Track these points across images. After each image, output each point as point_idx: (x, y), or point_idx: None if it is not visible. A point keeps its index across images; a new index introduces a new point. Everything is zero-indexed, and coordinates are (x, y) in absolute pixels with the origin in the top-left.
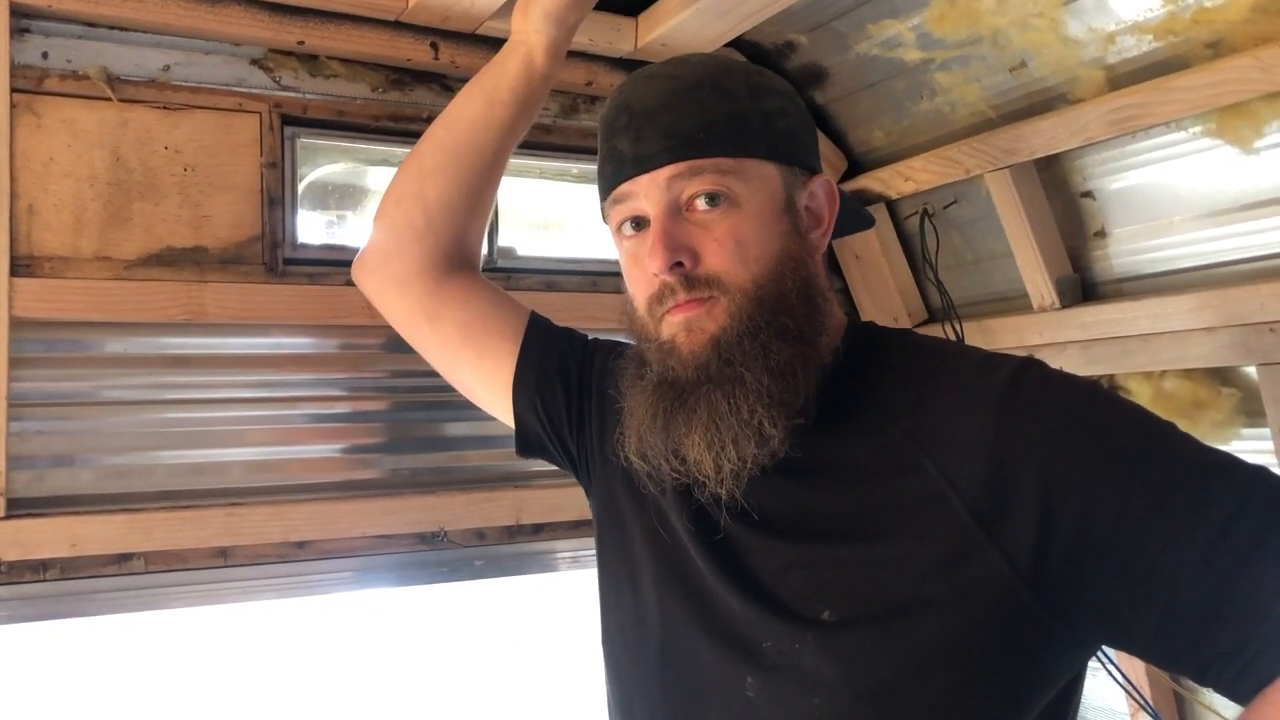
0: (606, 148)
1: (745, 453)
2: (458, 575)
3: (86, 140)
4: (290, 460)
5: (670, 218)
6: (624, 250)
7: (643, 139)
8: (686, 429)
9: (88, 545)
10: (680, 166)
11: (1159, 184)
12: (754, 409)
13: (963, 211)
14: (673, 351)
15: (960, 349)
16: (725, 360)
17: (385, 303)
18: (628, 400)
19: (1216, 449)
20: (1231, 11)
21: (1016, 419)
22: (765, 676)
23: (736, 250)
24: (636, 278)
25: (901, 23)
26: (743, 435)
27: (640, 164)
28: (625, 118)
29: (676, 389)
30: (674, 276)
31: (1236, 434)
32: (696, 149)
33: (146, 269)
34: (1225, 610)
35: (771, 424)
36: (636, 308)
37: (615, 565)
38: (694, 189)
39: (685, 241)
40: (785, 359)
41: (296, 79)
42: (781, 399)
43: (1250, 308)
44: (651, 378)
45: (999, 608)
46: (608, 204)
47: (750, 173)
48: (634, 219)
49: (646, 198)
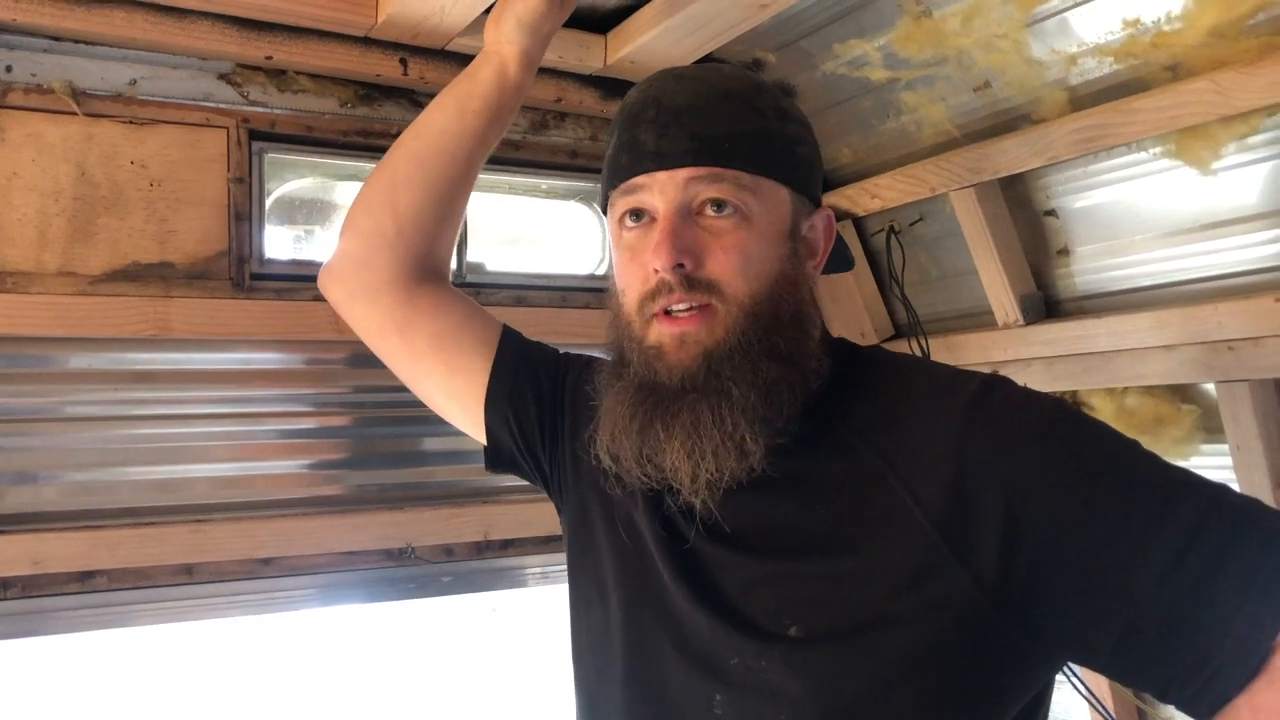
0: (628, 136)
1: (725, 465)
2: (426, 591)
3: (51, 155)
4: (256, 476)
5: (680, 218)
6: (622, 241)
7: (668, 135)
8: (666, 434)
9: (50, 563)
10: (701, 171)
11: (1121, 203)
12: (738, 423)
13: (929, 229)
14: (660, 358)
15: (928, 366)
16: (714, 373)
17: (353, 313)
18: (604, 398)
19: (1179, 467)
20: (1189, 35)
21: (981, 435)
22: (732, 694)
23: (741, 262)
24: (631, 271)
25: (868, 42)
26: (724, 448)
27: (661, 159)
28: (652, 111)
29: (659, 394)
30: (674, 276)
31: (1196, 450)
32: (721, 157)
33: (112, 284)
34: (1186, 627)
35: (754, 440)
36: (624, 302)
37: (585, 582)
38: (709, 194)
39: (692, 244)
40: (773, 378)
41: (265, 94)
42: (765, 416)
43: (1209, 326)
44: (632, 379)
45: (964, 623)
46: (616, 192)
47: (765, 192)
48: (636, 211)
49: (661, 193)
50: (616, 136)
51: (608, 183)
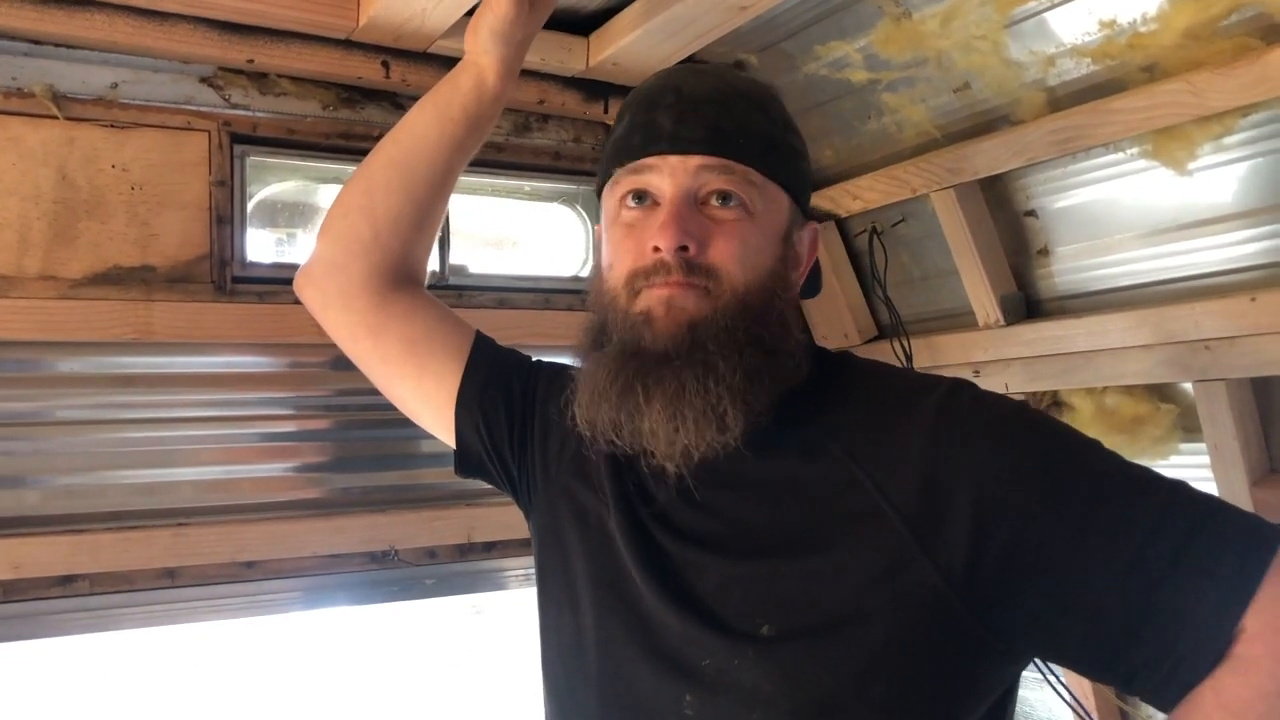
0: (642, 119)
1: (704, 434)
2: (409, 594)
3: (32, 159)
4: (239, 479)
5: (686, 203)
6: (619, 219)
7: (685, 122)
8: (646, 398)
9: (31, 567)
10: (714, 160)
11: (1100, 204)
12: (721, 396)
13: (910, 230)
14: (647, 324)
15: (896, 371)
16: (699, 344)
17: (328, 316)
18: (583, 365)
19: (1138, 464)
20: (1165, 37)
21: (949, 435)
22: (704, 694)
23: (740, 251)
24: (626, 247)
25: (849, 44)
26: (705, 418)
27: (676, 143)
28: (672, 97)
29: (641, 359)
30: (675, 258)
31: (1175, 449)
32: (735, 151)
33: (93, 288)
34: (1149, 620)
35: (735, 415)
36: (610, 277)
37: (555, 588)
38: (717, 185)
39: (696, 230)
40: (756, 365)
41: (246, 97)
42: (746, 398)
43: (1186, 325)
44: (615, 345)
45: (934, 620)
46: (623, 170)
47: (769, 193)
48: (639, 193)
49: (670, 176)
50: (629, 119)
51: (613, 161)
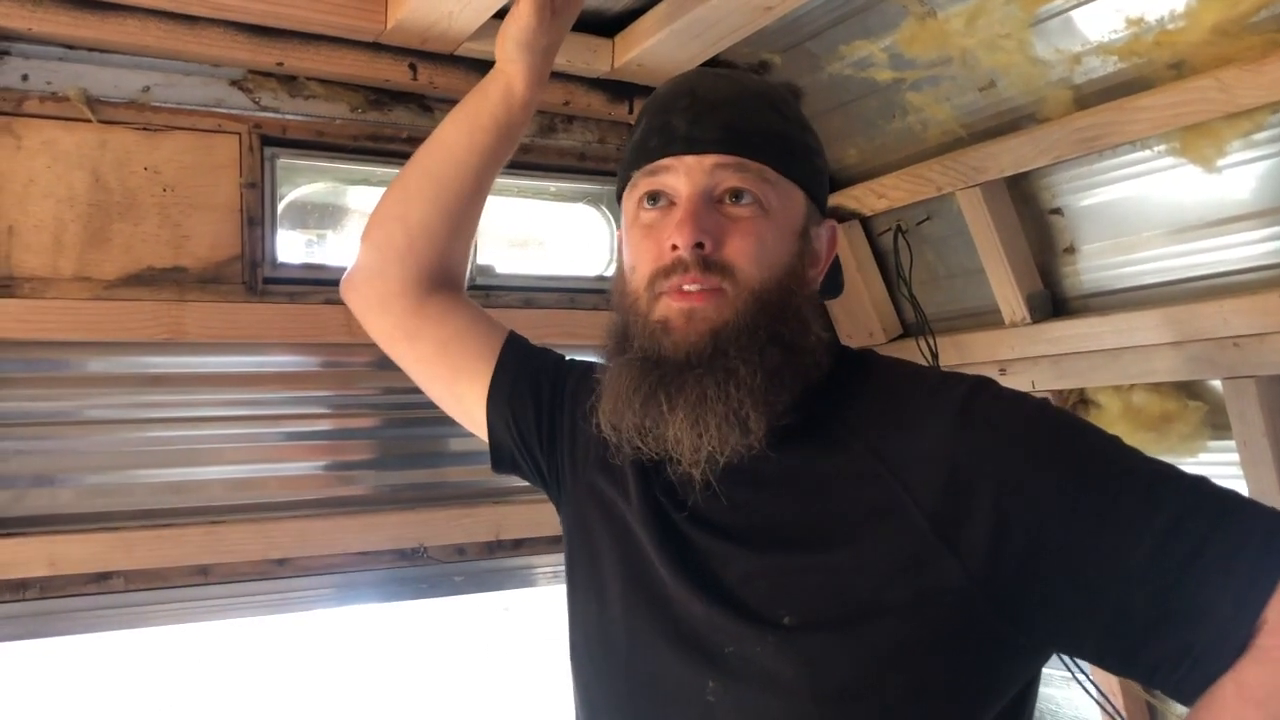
0: (659, 121)
1: (728, 439)
2: (438, 591)
3: (66, 161)
4: (270, 478)
5: (702, 201)
6: (638, 221)
7: (700, 123)
8: (670, 406)
9: (67, 564)
10: (729, 159)
11: (1126, 201)
12: (743, 400)
13: (935, 228)
14: (667, 333)
15: (918, 369)
16: (721, 351)
17: (368, 320)
18: (607, 371)
19: (1158, 460)
20: (1192, 33)
21: (971, 432)
22: (726, 681)
23: (757, 248)
24: (645, 248)
25: (873, 43)
26: (727, 423)
27: (691, 144)
28: (686, 100)
29: (663, 368)
30: (692, 255)
31: (1203, 446)
32: (749, 149)
33: (126, 289)
34: (1170, 614)
35: (757, 419)
36: (633, 279)
37: (583, 581)
38: (732, 183)
39: (712, 227)
40: (777, 363)
41: (276, 99)
42: (767, 399)
43: (1214, 323)
44: (636, 353)
45: (955, 614)
46: (640, 173)
47: (785, 190)
48: (655, 194)
49: (686, 176)
50: (646, 122)
51: (631, 164)
